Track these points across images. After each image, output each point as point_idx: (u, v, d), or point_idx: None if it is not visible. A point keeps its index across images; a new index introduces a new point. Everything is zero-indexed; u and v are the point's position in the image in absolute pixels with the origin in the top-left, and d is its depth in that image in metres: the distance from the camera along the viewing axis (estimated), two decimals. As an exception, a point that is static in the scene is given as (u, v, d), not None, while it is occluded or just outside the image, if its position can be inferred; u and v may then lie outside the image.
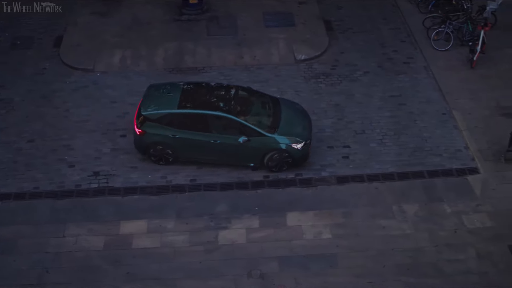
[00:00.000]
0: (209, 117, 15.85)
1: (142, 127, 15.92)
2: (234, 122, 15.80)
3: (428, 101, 18.59)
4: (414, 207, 15.58)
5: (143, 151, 16.38)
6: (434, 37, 20.36)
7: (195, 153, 16.20)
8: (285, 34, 20.58)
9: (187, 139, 15.88)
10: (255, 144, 15.84)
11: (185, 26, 20.90)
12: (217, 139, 15.87)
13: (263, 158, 16.09)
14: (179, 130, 15.87)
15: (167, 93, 16.33)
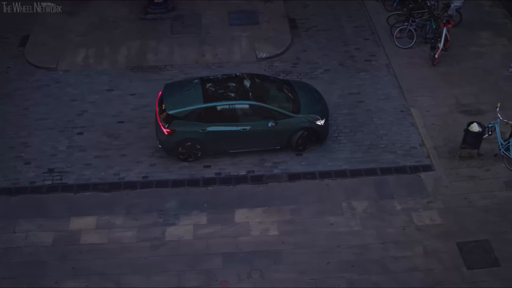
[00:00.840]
0: (236, 106, 16.15)
1: (170, 126, 15.91)
2: (261, 108, 16.16)
3: (386, 99, 18.59)
4: (363, 204, 15.58)
5: (171, 150, 16.34)
6: (397, 35, 20.36)
7: (224, 144, 16.45)
8: (249, 32, 20.65)
9: (216, 132, 16.09)
10: (282, 127, 16.27)
11: (150, 25, 21.00)
12: (246, 127, 16.16)
13: (290, 139, 16.51)
14: (208, 123, 16.04)
15: (188, 90, 16.42)
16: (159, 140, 16.43)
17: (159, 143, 16.49)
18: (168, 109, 15.96)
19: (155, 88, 18.62)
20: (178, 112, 15.92)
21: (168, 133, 15.94)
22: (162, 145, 16.43)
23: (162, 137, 16.15)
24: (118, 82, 18.90)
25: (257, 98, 16.27)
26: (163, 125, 15.94)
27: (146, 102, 18.22)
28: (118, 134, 17.32)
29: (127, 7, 21.78)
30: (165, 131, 15.93)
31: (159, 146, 16.55)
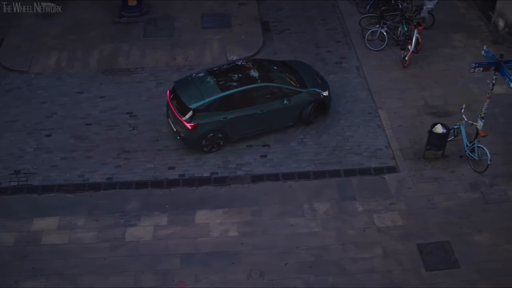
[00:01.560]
0: (252, 90, 16.69)
1: (194, 120, 16.16)
2: (275, 88, 16.93)
3: (355, 101, 18.62)
4: (325, 206, 15.61)
5: (196, 144, 16.62)
6: (368, 37, 20.39)
7: (245, 128, 16.92)
8: (221, 35, 20.71)
9: (237, 118, 16.54)
10: (295, 103, 17.10)
11: (123, 28, 21.10)
12: (263, 109, 16.73)
13: (301, 113, 17.33)
14: (228, 111, 16.45)
15: (202, 83, 16.70)
16: (181, 137, 16.64)
17: (181, 139, 16.72)
18: (190, 103, 16.20)
19: (124, 90, 18.80)
20: (199, 105, 16.20)
21: (192, 127, 16.17)
22: (185, 141, 16.67)
23: (185, 133, 16.37)
24: (88, 85, 18.99)
25: (268, 79, 17.05)
26: (186, 121, 16.13)
27: (115, 105, 18.32)
28: (86, 136, 17.41)
29: (102, 10, 21.88)
30: (189, 126, 16.15)
31: (182, 142, 16.81)
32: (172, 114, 16.62)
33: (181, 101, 16.35)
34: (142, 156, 16.84)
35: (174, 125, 16.68)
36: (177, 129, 16.61)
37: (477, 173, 16.42)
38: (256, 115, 16.73)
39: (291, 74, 17.72)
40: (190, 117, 16.16)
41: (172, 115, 16.65)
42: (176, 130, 16.66)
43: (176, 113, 16.38)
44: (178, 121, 16.37)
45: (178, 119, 16.34)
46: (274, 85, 16.97)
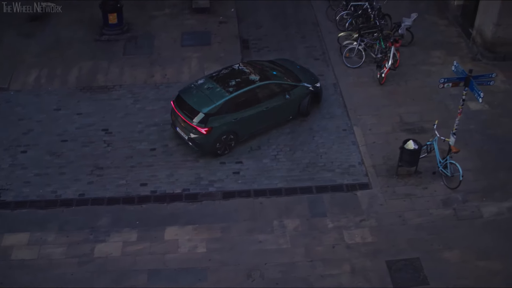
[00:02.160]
0: (256, 89, 17.45)
1: (208, 125, 16.58)
2: (275, 85, 17.85)
3: (330, 117, 18.67)
4: (295, 222, 15.58)
5: (210, 148, 17.04)
6: (346, 54, 20.49)
7: (253, 127, 17.56)
8: (200, 53, 20.87)
9: (245, 117, 17.17)
10: (294, 96, 18.02)
11: (103, 46, 21.28)
12: (267, 106, 17.47)
13: (299, 106, 18.20)
14: (237, 112, 17.05)
15: (207, 88, 17.23)
16: (195, 144, 16.97)
17: (195, 146, 17.03)
18: (201, 109, 16.66)
19: (101, 107, 18.92)
20: (211, 108, 16.67)
21: (207, 132, 16.58)
22: (201, 146, 17.02)
23: (200, 138, 16.75)
24: (66, 102, 19.12)
25: (268, 77, 17.92)
26: (200, 126, 16.52)
27: (91, 121, 18.42)
28: (61, 152, 17.48)
29: (84, 28, 22.08)
30: (203, 131, 16.57)
31: (197, 148, 17.12)
32: (182, 122, 16.96)
33: (191, 108, 16.78)
34: (115, 172, 16.89)
35: (186, 133, 16.99)
36: (189, 136, 16.91)
37: (450, 190, 16.40)
38: (261, 112, 17.42)
39: (284, 71, 18.66)
40: (203, 122, 16.60)
41: (182, 124, 16.99)
42: (189, 138, 16.96)
43: (188, 121, 16.72)
44: (191, 128, 16.74)
45: (190, 126, 16.71)
46: (275, 82, 17.86)
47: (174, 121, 17.48)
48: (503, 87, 19.93)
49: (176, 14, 22.94)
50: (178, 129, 17.31)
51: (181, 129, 17.13)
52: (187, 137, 17.00)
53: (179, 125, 17.15)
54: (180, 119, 17.02)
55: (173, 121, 17.51)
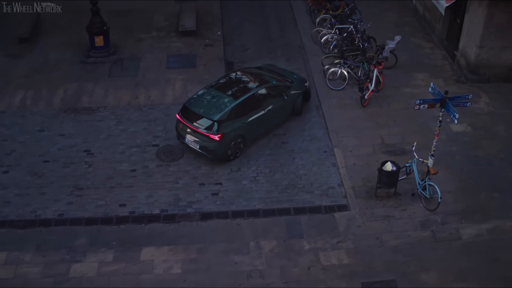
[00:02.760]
0: (258, 93, 18.21)
1: (220, 131, 17.13)
2: (274, 88, 18.72)
3: (312, 139, 18.72)
4: (271, 244, 15.53)
5: (224, 154, 17.57)
6: (329, 77, 20.61)
7: (258, 129, 18.33)
8: (184, 75, 21.04)
9: (252, 120, 17.89)
10: (290, 96, 19.03)
11: (90, 68, 21.50)
12: (269, 108, 18.32)
13: (294, 106, 19.16)
14: (244, 116, 17.71)
15: (212, 97, 17.83)
16: (208, 151, 17.42)
17: (208, 153, 17.46)
18: (212, 116, 17.21)
19: (84, 128, 19.04)
20: (221, 115, 17.21)
21: (220, 138, 17.10)
22: (214, 153, 17.43)
23: (214, 145, 17.25)
24: (50, 123, 19.25)
25: (265, 81, 18.80)
26: (213, 134, 17.05)
27: (74, 142, 18.52)
28: (42, 173, 17.56)
29: (71, 50, 22.34)
30: (216, 138, 17.09)
31: (210, 155, 17.54)
32: (192, 132, 17.40)
33: (201, 117, 17.28)
34: (95, 193, 16.94)
35: (197, 142, 17.42)
36: (201, 145, 17.36)
37: (429, 211, 16.36)
38: (264, 114, 18.17)
39: (275, 74, 19.56)
40: (216, 129, 17.09)
41: (192, 134, 17.42)
42: (201, 147, 17.40)
43: (199, 130, 17.20)
44: (202, 137, 17.25)
45: (202, 135, 17.23)
46: (274, 84, 18.74)
47: (180, 133, 17.85)
48: (487, 109, 19.98)
49: (163, 37, 23.23)
50: (186, 140, 17.68)
51: (191, 139, 17.55)
52: (199, 146, 17.41)
53: (188, 136, 17.54)
54: (189, 130, 17.43)
55: (179, 133, 17.88)
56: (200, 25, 23.72)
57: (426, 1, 23.67)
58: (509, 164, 17.84)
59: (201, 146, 17.39)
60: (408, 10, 25.67)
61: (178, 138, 18.09)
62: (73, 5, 24.69)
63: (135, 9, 25.14)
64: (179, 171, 17.58)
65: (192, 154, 18.02)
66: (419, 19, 24.86)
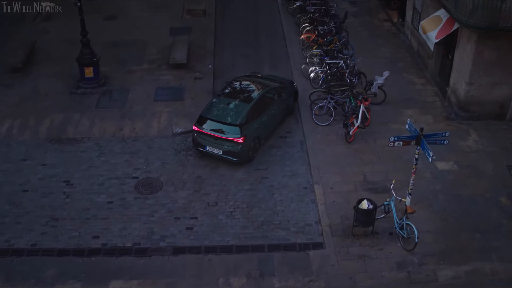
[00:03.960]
0: (264, 95, 19.57)
1: (242, 133, 18.22)
2: (275, 90, 20.15)
3: (293, 175, 18.50)
4: (241, 281, 15.23)
5: (246, 156, 18.67)
6: (315, 112, 20.46)
7: (268, 129, 19.61)
8: (171, 108, 21.05)
9: (264, 121, 19.15)
10: (286, 96, 20.53)
11: (78, 99, 21.63)
12: (274, 108, 19.74)
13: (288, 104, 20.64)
14: (257, 118, 18.90)
15: (227, 104, 19.04)
16: (233, 154, 18.35)
17: (232, 156, 18.39)
18: (233, 121, 18.35)
19: (66, 159, 19.08)
20: (241, 119, 18.36)
21: (243, 140, 18.19)
22: (238, 156, 18.39)
23: (238, 148, 18.25)
24: (33, 153, 19.34)
25: (266, 84, 20.16)
26: (236, 137, 18.11)
27: (54, 173, 18.54)
28: (20, 202, 17.56)
29: (62, 81, 22.55)
30: (240, 140, 18.17)
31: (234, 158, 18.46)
32: (214, 139, 18.38)
33: (222, 123, 18.36)
34: (70, 224, 16.86)
35: (220, 148, 18.39)
36: (224, 150, 18.32)
37: (406, 252, 15.96)
38: (272, 114, 19.54)
39: (268, 79, 20.89)
40: (238, 132, 18.15)
41: (214, 141, 18.39)
42: (224, 151, 18.35)
43: (222, 136, 18.23)
44: (225, 142, 18.27)
45: (225, 140, 18.26)
46: (274, 86, 20.22)
47: (199, 142, 18.60)
48: (475, 147, 19.63)
49: (154, 69, 23.37)
50: (208, 148, 18.52)
51: (213, 146, 18.43)
52: (222, 152, 18.36)
53: (209, 144, 18.43)
54: (210, 138, 18.36)
55: (198, 143, 18.64)
56: (192, 58, 23.82)
57: (420, 37, 23.52)
58: (494, 204, 17.45)
59: (224, 151, 18.34)
60: (403, 46, 25.56)
61: (196, 148, 18.88)
62: (69, 35, 25.03)
63: (130, 41, 25.39)
64: (156, 204, 17.46)
65: (171, 187, 17.92)
66: (413, 55, 24.71)
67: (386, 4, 28.84)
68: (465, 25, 19.07)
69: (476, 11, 18.49)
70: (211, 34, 26.06)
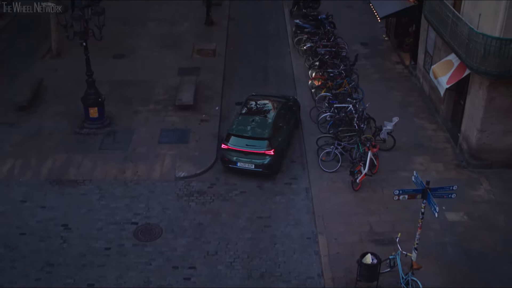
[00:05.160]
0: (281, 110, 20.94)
1: (271, 146, 19.32)
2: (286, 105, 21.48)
3: (296, 224, 17.93)
4: (238, 336, 14.68)
5: (278, 167, 19.87)
6: (322, 158, 19.96)
7: (287, 141, 20.71)
8: (175, 150, 20.66)
9: (283, 134, 20.36)
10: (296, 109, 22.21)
11: (82, 139, 21.35)
12: (289, 121, 21.11)
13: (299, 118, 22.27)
14: (279, 132, 20.12)
15: (251, 121, 20.12)
16: (265, 167, 19.26)
17: (265, 169, 19.30)
18: (263, 135, 19.44)
19: (66, 202, 18.71)
20: (269, 133, 19.55)
21: (274, 152, 19.24)
22: (269, 168, 19.34)
23: (269, 161, 19.25)
24: (33, 194, 19.00)
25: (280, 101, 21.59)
26: (268, 150, 19.15)
27: (53, 216, 18.15)
28: (16, 246, 17.16)
29: (67, 121, 22.33)
30: (271, 152, 19.23)
31: (267, 171, 19.41)
32: (245, 155, 19.29)
33: (253, 138, 19.35)
34: (65, 270, 16.37)
35: (251, 163, 19.27)
36: (256, 164, 19.22)
37: (412, 309, 15.29)
38: (288, 128, 20.74)
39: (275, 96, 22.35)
40: (269, 145, 19.24)
41: (245, 156, 19.30)
42: (256, 165, 19.24)
43: (253, 150, 19.18)
44: (257, 156, 19.21)
45: (257, 154, 19.21)
46: (283, 101, 21.57)
47: (230, 160, 19.41)
48: (487, 197, 18.98)
49: (160, 110, 23.08)
50: (239, 165, 19.34)
51: (245, 162, 19.31)
52: (254, 165, 19.23)
53: (241, 160, 19.29)
54: (241, 154, 19.23)
55: (228, 161, 19.48)
56: (199, 99, 23.53)
57: (432, 81, 23.03)
58: (505, 257, 16.74)
59: (256, 164, 19.21)
60: (415, 89, 25.08)
61: (226, 166, 19.70)
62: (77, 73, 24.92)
63: (137, 80, 25.20)
64: (154, 251, 16.95)
65: (171, 234, 17.44)
66: (424, 99, 24.22)
67: (398, 45, 28.47)
68: (476, 71, 18.60)
69: (488, 57, 18.04)
70: (220, 74, 25.81)
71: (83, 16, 20.10)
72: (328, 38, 27.00)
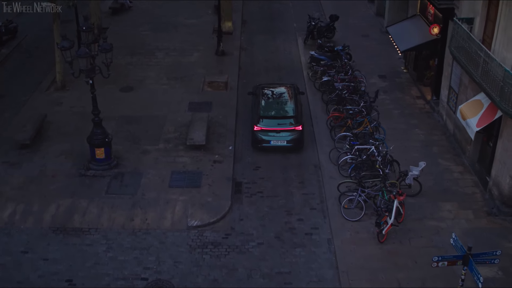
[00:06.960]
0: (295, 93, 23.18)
1: (299, 122, 21.69)
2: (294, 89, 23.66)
3: (319, 281, 16.58)
4: None
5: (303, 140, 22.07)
6: (344, 205, 18.67)
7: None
8: (187, 195, 19.33)
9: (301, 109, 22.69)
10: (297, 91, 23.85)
11: (87, 182, 20.03)
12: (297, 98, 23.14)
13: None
14: (299, 108, 22.54)
15: (276, 104, 22.49)
16: (294, 141, 21.52)
17: (294, 144, 21.59)
18: (291, 113, 21.86)
19: (71, 253, 17.41)
20: (294, 111, 21.99)
21: (301, 127, 21.63)
22: (298, 142, 21.66)
23: (298, 136, 21.55)
24: (35, 244, 17.68)
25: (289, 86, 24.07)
26: (297, 126, 21.49)
27: (56, 269, 16.82)
28: (16, 304, 15.89)
29: (71, 161, 21.03)
30: (300, 127, 21.57)
31: (294, 145, 21.67)
32: (277, 132, 21.39)
33: (282, 117, 21.72)
34: (69, 334, 15.11)
35: (283, 139, 21.43)
36: (288, 140, 21.44)
37: None
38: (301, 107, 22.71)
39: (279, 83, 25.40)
40: (297, 122, 21.58)
41: (277, 135, 21.39)
42: (288, 141, 21.45)
43: (285, 128, 21.41)
44: (288, 132, 21.41)
45: (288, 131, 21.44)
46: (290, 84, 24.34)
47: (262, 139, 21.43)
48: (523, 251, 17.64)
49: (170, 149, 21.77)
50: (272, 143, 21.47)
51: (277, 139, 21.42)
52: (286, 141, 21.45)
53: (273, 138, 21.39)
54: (274, 132, 21.38)
55: (261, 140, 21.46)
56: (211, 138, 22.27)
57: (457, 119, 21.81)
58: (546, 321, 15.40)
59: (288, 140, 21.41)
60: (437, 127, 23.79)
61: (259, 145, 21.62)
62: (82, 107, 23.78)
63: (146, 116, 23.91)
64: (165, 313, 15.66)
65: (183, 293, 16.10)
66: (449, 138, 22.94)
67: (418, 79, 27.23)
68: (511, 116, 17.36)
69: (524, 101, 16.83)
70: (233, 110, 24.54)
71: (89, 53, 18.88)
72: (346, 72, 25.77)
